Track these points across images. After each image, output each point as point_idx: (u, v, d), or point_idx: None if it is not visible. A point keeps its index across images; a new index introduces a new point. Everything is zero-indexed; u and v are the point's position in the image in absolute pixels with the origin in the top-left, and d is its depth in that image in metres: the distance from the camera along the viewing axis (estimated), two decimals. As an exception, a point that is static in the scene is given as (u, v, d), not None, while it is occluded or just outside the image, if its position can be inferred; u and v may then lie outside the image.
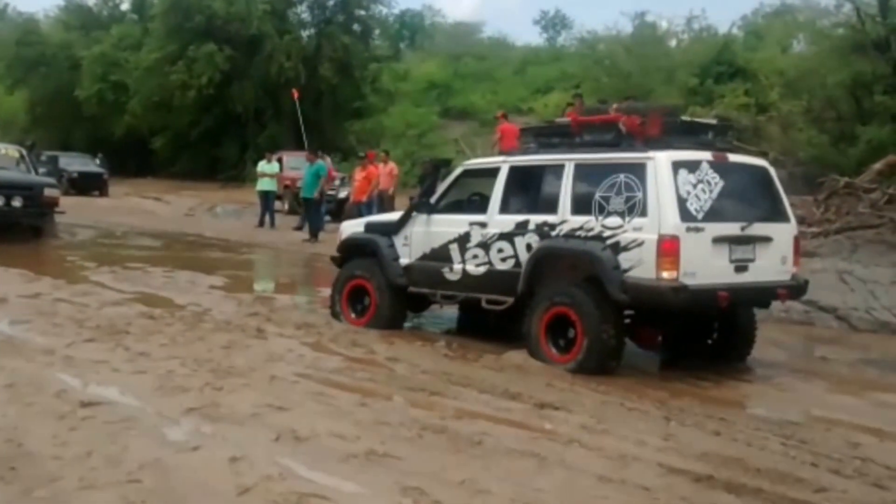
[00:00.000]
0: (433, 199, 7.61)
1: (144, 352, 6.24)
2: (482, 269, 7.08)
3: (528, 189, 7.09)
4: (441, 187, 7.71)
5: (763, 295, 6.79)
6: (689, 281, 6.01)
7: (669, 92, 24.41)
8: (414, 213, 7.68)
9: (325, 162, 18.70)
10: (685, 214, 6.08)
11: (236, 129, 30.72)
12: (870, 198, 12.14)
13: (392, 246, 7.72)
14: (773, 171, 7.01)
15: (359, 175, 16.93)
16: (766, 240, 6.54)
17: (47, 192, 13.32)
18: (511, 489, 3.86)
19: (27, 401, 4.89)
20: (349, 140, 29.92)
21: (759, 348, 7.19)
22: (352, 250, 8.19)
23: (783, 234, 6.72)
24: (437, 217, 7.52)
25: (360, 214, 15.88)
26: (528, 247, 6.74)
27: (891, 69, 18.41)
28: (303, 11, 33.66)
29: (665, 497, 3.87)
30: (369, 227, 8.20)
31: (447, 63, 39.74)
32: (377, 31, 34.98)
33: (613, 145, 6.62)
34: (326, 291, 9.50)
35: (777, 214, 6.77)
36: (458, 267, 7.24)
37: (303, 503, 3.58)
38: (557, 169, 6.76)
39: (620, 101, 16.32)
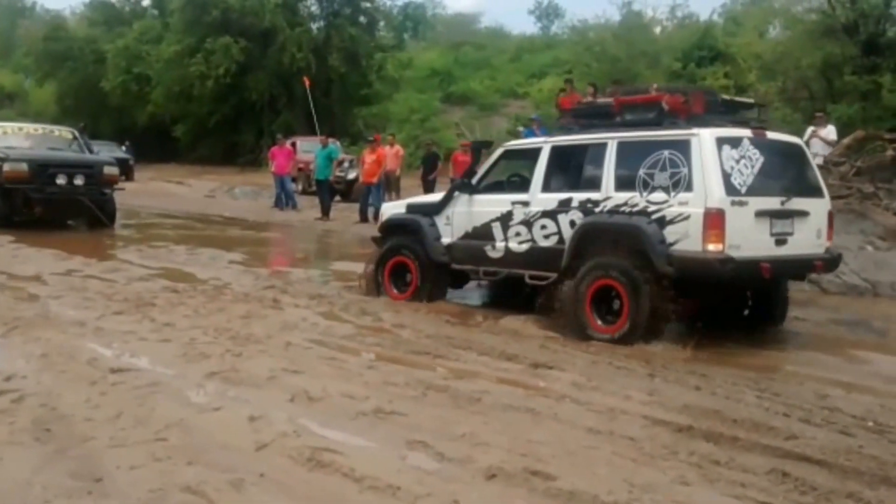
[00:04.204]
0: (474, 180, 7.36)
1: (169, 322, 6.25)
2: (525, 247, 6.86)
3: (570, 168, 6.84)
4: (482, 168, 7.47)
5: (801, 267, 6.60)
6: (733, 253, 5.81)
7: (655, 75, 24.21)
8: (455, 194, 7.43)
9: (337, 146, 18.70)
10: (730, 188, 5.87)
11: (252, 116, 30.61)
12: (839, 170, 12.08)
13: (434, 225, 7.49)
14: (806, 148, 6.73)
15: (368, 157, 16.59)
16: (804, 214, 6.35)
17: (107, 170, 13.00)
18: (508, 441, 3.88)
19: (61, 368, 4.92)
20: (357, 125, 29.82)
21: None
22: (393, 230, 7.94)
23: (818, 208, 6.53)
24: (478, 197, 7.27)
25: (369, 194, 15.83)
26: (572, 223, 6.50)
27: (859, 51, 18.31)
28: (312, 4, 33.46)
29: (649, 446, 3.88)
30: (411, 208, 7.91)
31: (448, 52, 39.43)
32: (382, 23, 34.72)
33: (656, 124, 6.35)
34: (338, 265, 9.50)
35: (812, 190, 6.57)
36: (500, 245, 7.02)
37: (316, 457, 3.59)
38: (600, 148, 6.50)
39: (610, 85, 16.24)
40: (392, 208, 8.32)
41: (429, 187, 17.64)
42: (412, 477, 3.44)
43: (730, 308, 6.93)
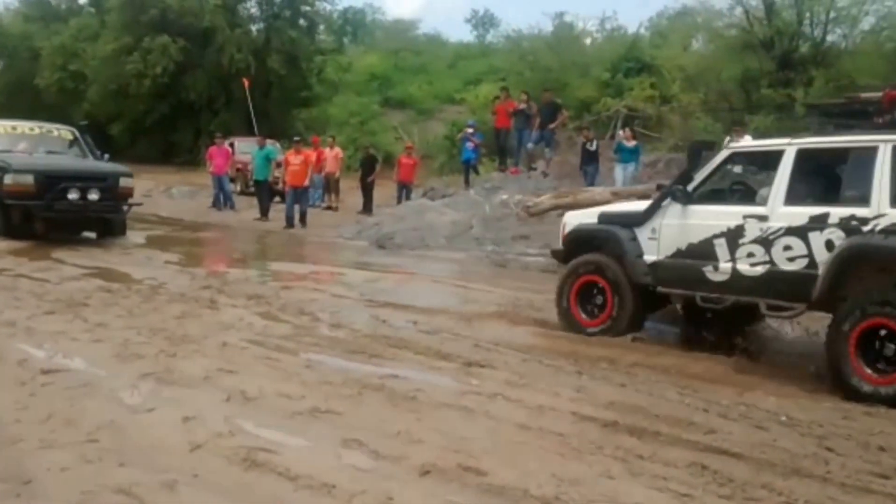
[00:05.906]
0: (691, 187, 6.04)
1: (102, 322, 6.04)
2: (760, 269, 5.56)
3: (824, 176, 5.67)
4: (701, 173, 6.09)
5: None
6: None
7: (584, 84, 24.71)
8: (665, 202, 6.13)
9: (275, 147, 18.38)
10: None
11: (190, 115, 29.88)
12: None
13: (635, 240, 6.23)
14: None
15: (294, 159, 15.39)
16: None
17: (123, 181, 10.75)
18: (441, 438, 3.88)
19: (-11, 369, 4.71)
20: (297, 127, 29.45)
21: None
22: (581, 243, 6.68)
23: None
24: (695, 208, 5.96)
25: (295, 198, 15.29)
26: (829, 244, 5.23)
27: (775, 66, 19.10)
28: (252, 6, 32.90)
29: (577, 441, 3.94)
30: (605, 218, 6.60)
31: (387, 57, 39.38)
32: (322, 26, 34.41)
33: None
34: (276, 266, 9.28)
35: None
36: (725, 266, 5.73)
37: (251, 457, 3.53)
38: (867, 153, 5.23)
39: (543, 93, 16.37)
40: (579, 217, 6.93)
41: (367, 189, 17.56)
42: (347, 475, 3.40)
43: None
